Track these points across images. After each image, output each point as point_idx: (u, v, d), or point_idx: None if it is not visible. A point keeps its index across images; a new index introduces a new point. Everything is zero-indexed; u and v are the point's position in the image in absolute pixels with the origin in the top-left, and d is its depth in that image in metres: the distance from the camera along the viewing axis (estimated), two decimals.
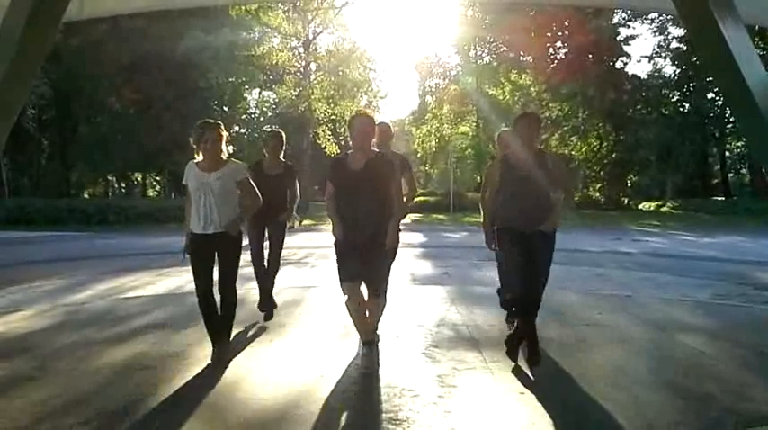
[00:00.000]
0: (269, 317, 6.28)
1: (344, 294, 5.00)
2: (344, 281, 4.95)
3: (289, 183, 6.30)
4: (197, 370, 4.64)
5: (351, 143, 4.98)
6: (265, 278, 6.35)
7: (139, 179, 45.81)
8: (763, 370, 4.80)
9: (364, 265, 4.88)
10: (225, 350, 4.87)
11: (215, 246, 4.77)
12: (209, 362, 4.80)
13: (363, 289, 5.09)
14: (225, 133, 4.83)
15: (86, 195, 43.35)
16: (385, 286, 5.10)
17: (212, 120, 4.93)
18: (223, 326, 4.91)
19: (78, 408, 3.84)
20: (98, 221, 23.51)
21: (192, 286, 4.88)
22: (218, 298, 4.90)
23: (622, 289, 8.79)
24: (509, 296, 5.19)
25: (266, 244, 6.37)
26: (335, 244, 5.00)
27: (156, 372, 4.59)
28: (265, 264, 6.36)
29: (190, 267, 4.85)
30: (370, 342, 5.15)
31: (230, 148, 4.89)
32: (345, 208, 4.88)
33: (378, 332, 5.33)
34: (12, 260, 12.60)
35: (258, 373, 4.60)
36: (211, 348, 4.88)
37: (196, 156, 4.83)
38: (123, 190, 48.04)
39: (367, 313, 5.15)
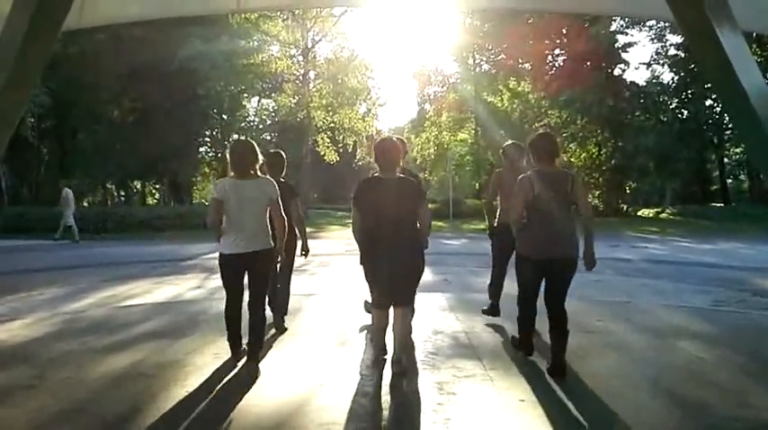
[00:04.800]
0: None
1: (373, 313, 5.08)
2: (377, 308, 5.00)
3: (293, 205, 6.22)
4: (195, 378, 4.63)
5: (377, 166, 4.92)
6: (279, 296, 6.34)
7: (138, 187, 45.79)
8: (763, 376, 4.79)
9: (395, 287, 4.85)
10: (254, 367, 4.82)
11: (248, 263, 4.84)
12: (207, 370, 4.80)
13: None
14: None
15: (85, 203, 43.29)
16: (412, 301, 5.07)
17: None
18: (254, 344, 4.88)
19: (76, 417, 3.84)
20: (97, 229, 23.46)
21: (190, 294, 4.89)
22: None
23: (622, 295, 8.79)
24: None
25: None
26: (365, 269, 4.95)
27: (154, 381, 4.58)
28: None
29: (188, 275, 4.86)
30: (400, 371, 4.74)
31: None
32: (375, 233, 4.80)
33: (405, 363, 4.87)
34: (11, 268, 12.58)
35: (257, 381, 4.59)
36: (215, 356, 4.86)
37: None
38: (122, 198, 47.99)
39: (393, 332, 5.05)
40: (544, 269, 4.78)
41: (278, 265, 6.06)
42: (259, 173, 4.93)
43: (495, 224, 6.37)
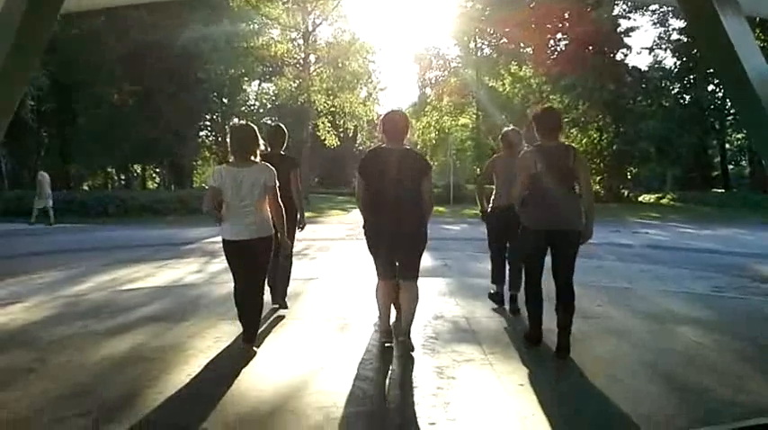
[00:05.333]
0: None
1: (378, 285, 5.00)
2: (382, 279, 4.96)
3: (292, 176, 6.25)
4: (196, 362, 4.65)
5: (383, 138, 4.92)
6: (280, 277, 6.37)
7: (139, 171, 45.78)
8: (761, 362, 4.81)
9: (399, 259, 4.90)
10: (250, 349, 4.84)
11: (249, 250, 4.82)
12: (208, 354, 4.83)
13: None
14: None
15: (86, 187, 43.32)
16: (417, 272, 5.03)
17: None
18: (250, 327, 4.89)
19: (77, 400, 3.86)
20: (97, 213, 23.47)
21: (191, 278, 4.89)
22: None
23: (622, 280, 8.81)
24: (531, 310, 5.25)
25: None
26: (367, 238, 4.96)
27: (155, 364, 4.60)
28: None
29: (188, 259, 4.86)
30: (407, 347, 4.89)
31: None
32: (379, 202, 4.82)
33: (412, 340, 5.02)
34: (11, 252, 12.61)
35: (258, 365, 4.61)
36: (215, 340, 4.88)
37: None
38: (123, 182, 47.97)
39: (397, 309, 5.16)
40: (546, 240, 4.83)
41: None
42: (258, 159, 4.89)
43: (489, 209, 6.38)
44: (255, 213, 4.75)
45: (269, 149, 6.15)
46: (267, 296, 5.75)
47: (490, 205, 6.39)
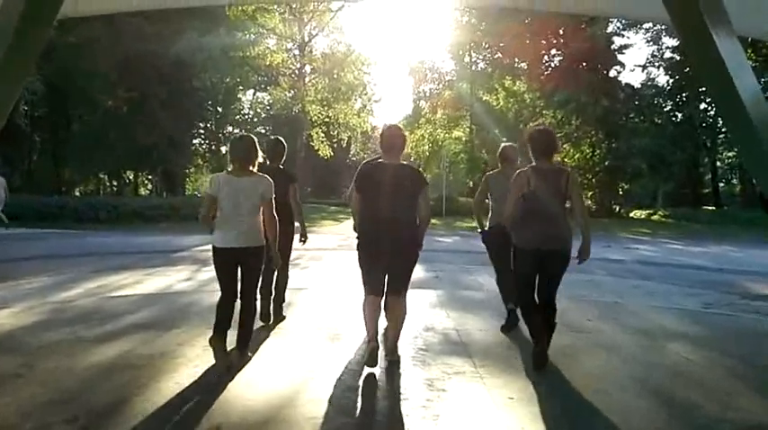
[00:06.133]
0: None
1: (366, 298, 4.94)
2: (369, 294, 4.90)
3: (291, 190, 6.25)
4: (185, 370, 4.63)
5: (381, 152, 4.98)
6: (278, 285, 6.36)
7: (131, 178, 45.66)
8: (750, 379, 4.82)
9: (390, 273, 4.88)
10: (242, 356, 4.81)
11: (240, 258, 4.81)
12: (197, 362, 4.80)
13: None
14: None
15: (78, 193, 43.15)
16: (406, 288, 5.00)
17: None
18: (243, 334, 4.85)
19: (65, 406, 3.82)
20: (89, 219, 23.35)
21: (181, 286, 4.87)
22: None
23: (612, 295, 8.83)
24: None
25: None
26: (360, 251, 4.95)
27: (144, 372, 4.57)
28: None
29: (179, 266, 4.85)
30: (393, 361, 4.88)
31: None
32: (373, 216, 4.84)
33: (399, 352, 5.04)
34: (2, 256, 12.53)
35: (247, 374, 4.59)
36: (204, 348, 4.84)
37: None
38: (115, 188, 47.82)
39: (386, 323, 5.15)
40: (536, 259, 4.86)
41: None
42: (256, 169, 4.90)
43: (488, 227, 6.29)
44: (249, 223, 4.75)
45: (267, 162, 6.16)
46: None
47: (487, 224, 6.33)
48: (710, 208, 37.41)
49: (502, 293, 6.36)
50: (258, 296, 5.13)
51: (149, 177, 46.61)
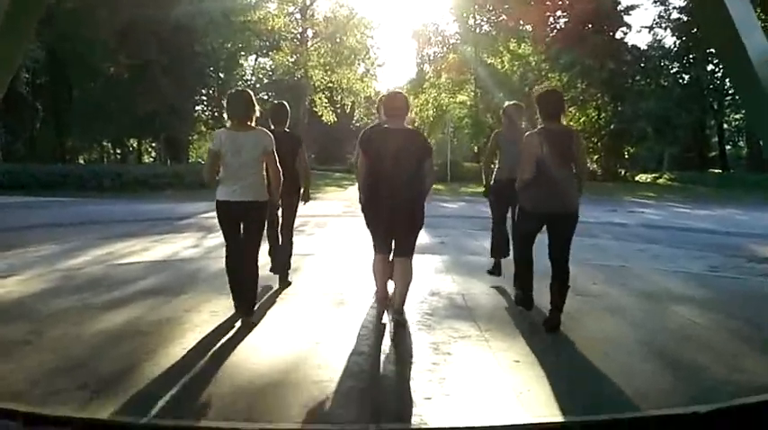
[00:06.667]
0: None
1: (374, 257, 5.10)
2: (378, 253, 5.06)
3: (299, 152, 6.27)
4: (192, 336, 4.65)
5: (384, 117, 4.98)
6: (281, 251, 6.43)
7: (135, 145, 45.57)
8: (756, 341, 4.83)
9: (395, 236, 4.96)
10: (249, 316, 4.95)
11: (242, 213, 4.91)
12: (204, 328, 4.83)
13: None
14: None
15: (81, 161, 43.13)
16: (412, 251, 5.07)
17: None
18: (247, 296, 4.97)
19: (73, 373, 3.85)
20: (93, 187, 23.39)
21: (187, 253, 4.89)
22: None
23: (617, 259, 8.82)
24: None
25: None
26: (365, 215, 5.04)
27: (151, 338, 4.59)
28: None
29: (185, 234, 4.88)
30: (400, 322, 4.94)
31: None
32: (378, 181, 4.86)
33: (405, 315, 5.13)
34: (6, 225, 12.56)
35: (253, 339, 4.61)
36: (211, 314, 4.88)
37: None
38: (118, 156, 47.76)
39: (392, 285, 5.19)
40: (543, 221, 4.91)
41: (279, 219, 6.15)
42: (255, 124, 4.93)
43: (493, 182, 6.36)
44: (252, 176, 4.84)
45: (272, 127, 6.16)
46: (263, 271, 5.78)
47: (492, 179, 6.37)
48: (717, 171, 37.22)
49: (492, 248, 6.64)
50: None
51: (153, 145, 46.54)
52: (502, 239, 6.47)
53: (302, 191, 6.35)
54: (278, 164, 4.97)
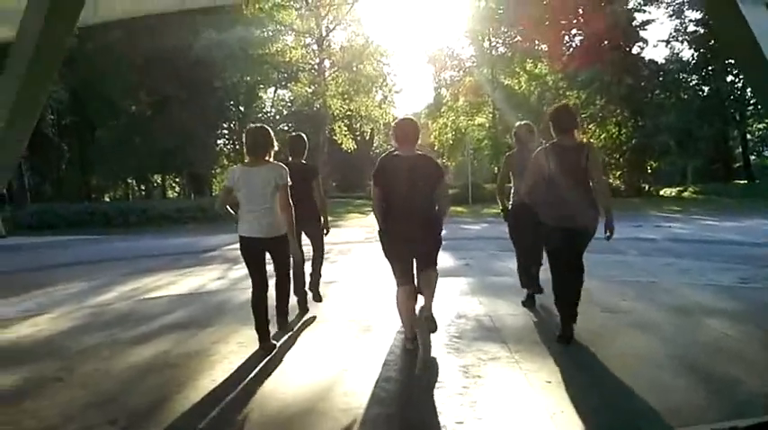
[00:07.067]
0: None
1: (398, 290, 4.97)
2: (401, 285, 4.91)
3: (315, 184, 6.34)
4: (221, 367, 4.67)
5: (396, 145, 4.97)
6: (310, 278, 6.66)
7: (159, 181, 46.17)
8: None
9: (417, 257, 4.94)
10: (281, 329, 5.37)
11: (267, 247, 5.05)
12: (231, 359, 4.85)
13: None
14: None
15: (107, 199, 43.78)
16: (435, 263, 5.04)
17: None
18: (280, 315, 5.43)
19: (105, 408, 3.88)
20: (119, 224, 23.72)
21: (213, 285, 4.92)
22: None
23: (646, 275, 8.71)
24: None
25: None
26: (383, 245, 4.99)
27: (180, 371, 4.62)
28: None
29: (210, 266, 4.94)
30: (431, 328, 5.10)
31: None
32: (393, 209, 4.87)
33: (435, 318, 5.23)
34: (36, 264, 12.76)
35: (282, 368, 4.62)
36: (239, 345, 4.90)
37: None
38: (143, 192, 48.41)
39: (420, 298, 5.12)
40: (565, 236, 4.90)
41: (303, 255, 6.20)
42: (272, 159, 5.00)
43: (510, 205, 6.34)
44: (268, 211, 4.89)
45: (290, 158, 6.25)
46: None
47: (510, 203, 6.36)
48: (742, 182, 36.68)
49: (521, 277, 6.52)
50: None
51: (177, 180, 47.12)
52: (528, 279, 6.40)
53: (323, 222, 6.41)
54: (290, 197, 4.99)
